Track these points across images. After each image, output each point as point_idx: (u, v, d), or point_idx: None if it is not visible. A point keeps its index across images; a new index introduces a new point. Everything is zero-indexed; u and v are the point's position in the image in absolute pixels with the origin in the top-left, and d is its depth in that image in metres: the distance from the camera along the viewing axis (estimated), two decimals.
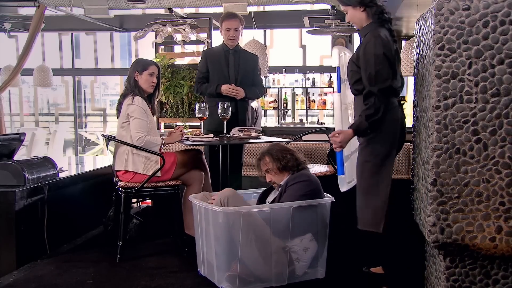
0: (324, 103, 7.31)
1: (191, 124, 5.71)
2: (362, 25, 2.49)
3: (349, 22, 2.71)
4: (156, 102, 3.36)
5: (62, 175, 3.52)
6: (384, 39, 2.31)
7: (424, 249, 2.43)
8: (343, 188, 2.90)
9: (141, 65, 3.18)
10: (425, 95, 2.15)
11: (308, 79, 7.56)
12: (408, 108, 7.34)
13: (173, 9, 6.02)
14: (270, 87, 7.67)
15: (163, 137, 3.23)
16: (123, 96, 3.16)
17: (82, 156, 7.50)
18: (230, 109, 3.30)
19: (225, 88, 3.55)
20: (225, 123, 3.32)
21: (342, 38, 6.76)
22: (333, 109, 6.17)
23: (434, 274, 2.26)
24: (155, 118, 3.55)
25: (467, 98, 1.98)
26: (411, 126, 2.70)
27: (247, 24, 6.92)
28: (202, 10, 6.98)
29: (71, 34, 8.16)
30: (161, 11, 6.71)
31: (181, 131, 3.22)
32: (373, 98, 2.28)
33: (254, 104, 5.22)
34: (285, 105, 7.65)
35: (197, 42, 5.92)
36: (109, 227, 3.58)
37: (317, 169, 3.68)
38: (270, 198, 2.85)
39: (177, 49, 6.70)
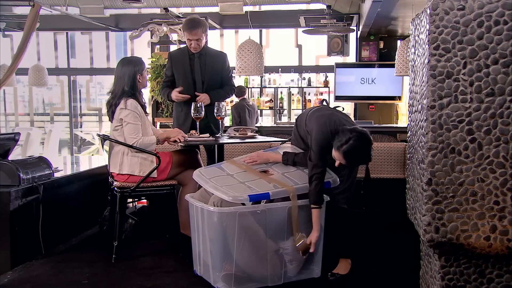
0: (320, 102, 7.33)
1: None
2: None
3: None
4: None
5: (57, 175, 3.51)
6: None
7: (419, 248, 2.44)
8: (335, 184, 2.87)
9: (140, 65, 3.12)
10: (420, 94, 2.16)
11: (304, 78, 7.57)
12: (403, 108, 7.38)
13: (168, 8, 6.01)
14: (266, 87, 7.68)
15: (160, 131, 3.21)
16: (118, 99, 3.07)
17: (77, 156, 7.48)
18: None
19: (174, 95, 3.48)
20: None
21: (338, 38, 6.77)
22: None
23: (429, 273, 2.27)
24: (149, 117, 3.54)
25: (462, 98, 1.99)
26: (406, 125, 2.71)
27: (243, 24, 6.95)
28: (198, 9, 6.98)
29: (67, 33, 8.15)
30: (157, 11, 6.71)
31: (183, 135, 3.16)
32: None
33: None
34: (281, 104, 7.65)
35: None
36: (105, 227, 3.58)
37: None
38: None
39: (173, 48, 6.69)
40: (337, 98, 7.13)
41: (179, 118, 3.63)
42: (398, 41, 6.88)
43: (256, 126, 6.02)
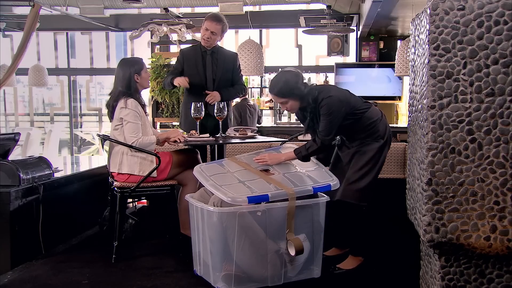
0: None
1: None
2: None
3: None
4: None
5: (57, 175, 3.51)
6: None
7: (419, 248, 2.44)
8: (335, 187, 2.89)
9: (137, 65, 3.12)
10: (420, 94, 2.16)
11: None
12: (403, 108, 7.38)
13: (168, 8, 6.01)
14: (266, 87, 7.67)
15: (159, 132, 3.21)
16: (115, 99, 3.08)
17: (77, 156, 7.48)
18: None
19: (180, 79, 3.45)
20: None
21: (338, 38, 6.76)
22: None
23: (429, 273, 2.27)
24: (149, 117, 3.54)
25: (462, 98, 1.99)
26: (406, 126, 2.71)
27: (243, 24, 6.94)
28: (198, 9, 6.97)
29: (66, 33, 8.14)
30: (157, 11, 6.71)
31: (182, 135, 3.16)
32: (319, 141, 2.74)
33: None
34: None
35: (193, 41, 5.92)
36: (105, 227, 3.58)
37: None
38: None
39: (173, 48, 6.71)
40: None
41: (187, 116, 3.56)
42: (398, 41, 6.88)
43: (256, 126, 6.02)
